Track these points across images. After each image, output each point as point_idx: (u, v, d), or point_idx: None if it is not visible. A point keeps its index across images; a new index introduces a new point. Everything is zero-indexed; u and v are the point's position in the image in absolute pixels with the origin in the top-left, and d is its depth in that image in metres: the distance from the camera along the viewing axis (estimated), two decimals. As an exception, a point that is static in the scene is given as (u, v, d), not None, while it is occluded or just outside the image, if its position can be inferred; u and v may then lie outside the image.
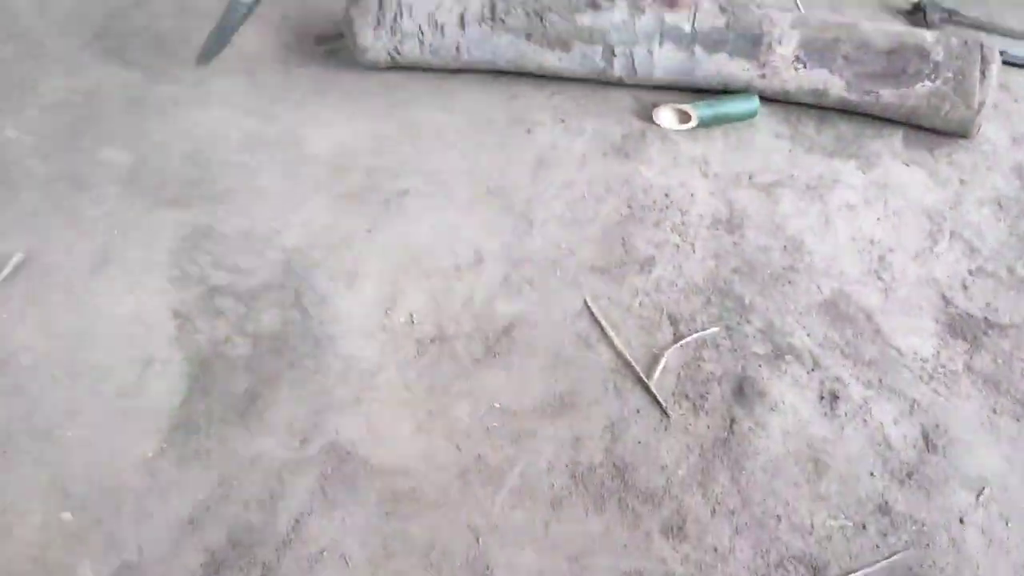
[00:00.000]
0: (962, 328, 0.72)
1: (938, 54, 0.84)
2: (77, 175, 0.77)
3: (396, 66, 0.89)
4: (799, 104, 0.90)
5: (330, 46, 0.93)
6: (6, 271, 0.68)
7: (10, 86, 0.86)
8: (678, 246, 0.77)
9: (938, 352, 0.71)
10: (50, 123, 0.82)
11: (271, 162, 0.81)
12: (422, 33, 0.85)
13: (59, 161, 0.79)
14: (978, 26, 1.07)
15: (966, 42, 0.84)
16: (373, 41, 0.85)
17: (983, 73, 0.83)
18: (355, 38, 0.85)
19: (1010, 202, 0.83)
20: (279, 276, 0.71)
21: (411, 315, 0.70)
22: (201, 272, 0.71)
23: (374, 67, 0.89)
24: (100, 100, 0.85)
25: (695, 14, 0.85)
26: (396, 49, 0.86)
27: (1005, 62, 1.00)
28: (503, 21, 0.85)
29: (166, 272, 0.70)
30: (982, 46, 0.84)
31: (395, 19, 0.85)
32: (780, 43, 0.85)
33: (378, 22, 0.85)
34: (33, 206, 0.75)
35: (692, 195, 0.81)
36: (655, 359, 0.68)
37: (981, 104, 0.84)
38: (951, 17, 1.07)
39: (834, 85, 0.86)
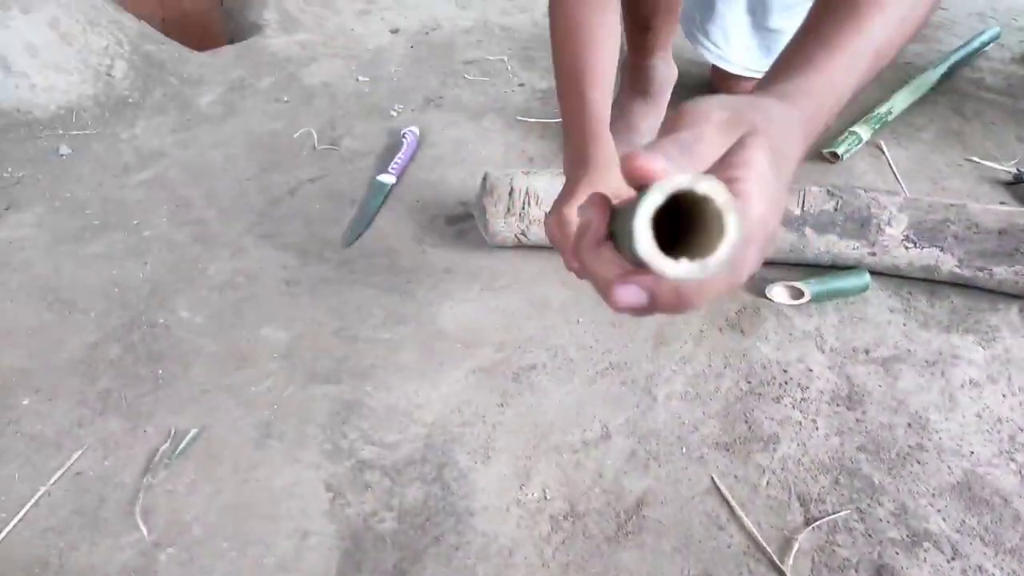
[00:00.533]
0: (1109, 516, 0.70)
1: (1050, 233, 0.86)
2: (241, 352, 0.86)
3: (522, 246, 0.97)
4: (910, 279, 0.93)
5: (461, 227, 1.03)
6: (183, 446, 0.75)
7: (184, 269, 0.98)
8: (800, 423, 0.78)
9: (1086, 542, 0.69)
10: (217, 303, 0.93)
11: (410, 338, 0.88)
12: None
13: (225, 339, 0.88)
14: (1085, 196, 1.09)
15: (1078, 222, 0.86)
16: (503, 227, 0.94)
17: (1099, 251, 0.85)
18: (486, 224, 0.94)
19: None
20: (421, 450, 0.76)
21: (544, 490, 0.73)
22: (351, 446, 0.76)
23: (502, 247, 0.98)
24: (260, 281, 0.96)
25: (804, 198, 0.91)
26: (523, 232, 0.95)
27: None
28: (622, 207, 0.92)
29: (319, 446, 0.76)
30: (1095, 225, 0.86)
31: (523, 207, 0.93)
32: (890, 224, 0.89)
33: (508, 209, 0.93)
34: (204, 382, 0.83)
35: (810, 370, 0.84)
36: (787, 542, 0.69)
37: (1101, 280, 0.85)
38: (1055, 187, 1.09)
39: (945, 262, 0.89)
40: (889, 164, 1.15)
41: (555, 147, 1.20)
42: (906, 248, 0.89)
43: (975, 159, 1.17)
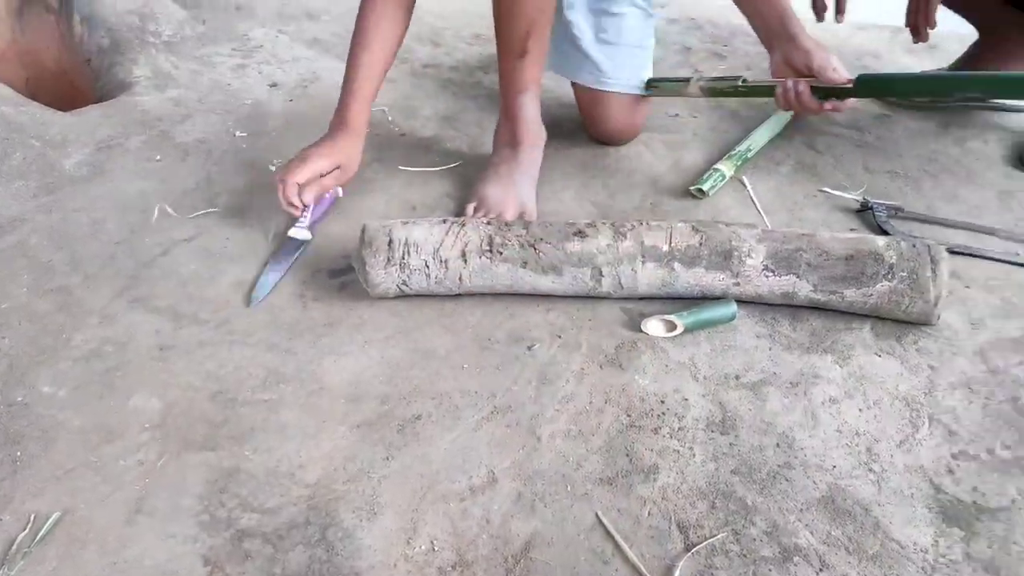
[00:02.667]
0: (955, 515, 0.76)
1: (891, 257, 0.93)
2: (109, 425, 0.82)
3: (404, 295, 0.98)
4: (773, 305, 0.99)
5: (343, 279, 1.03)
6: (42, 532, 0.71)
7: (46, 340, 0.93)
8: (678, 451, 0.81)
9: (936, 542, 0.74)
10: (82, 374, 0.88)
11: (291, 397, 0.86)
12: (428, 267, 0.94)
13: (91, 412, 0.84)
14: (922, 220, 1.20)
15: (914, 245, 0.94)
16: (384, 277, 0.94)
17: (934, 271, 0.93)
18: (367, 276, 0.94)
19: (979, 385, 0.90)
20: (304, 512, 0.74)
21: (432, 542, 0.73)
22: (229, 515, 0.74)
23: (384, 297, 0.98)
24: (131, 348, 0.92)
25: (671, 235, 0.96)
26: (404, 282, 0.95)
27: (952, 252, 1.11)
28: (500, 253, 0.94)
29: (196, 518, 0.73)
30: (930, 248, 0.94)
31: (403, 257, 0.94)
32: (750, 256, 0.95)
33: (388, 260, 0.94)
34: (67, 460, 0.79)
35: (686, 399, 0.87)
36: (669, 570, 0.71)
37: (937, 297, 0.93)
38: (897, 213, 1.19)
39: (802, 288, 0.95)
40: (751, 197, 1.23)
41: (438, 194, 1.22)
42: (766, 277, 0.95)
43: (827, 190, 1.26)
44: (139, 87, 1.49)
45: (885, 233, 1.14)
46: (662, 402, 0.87)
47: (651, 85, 1.35)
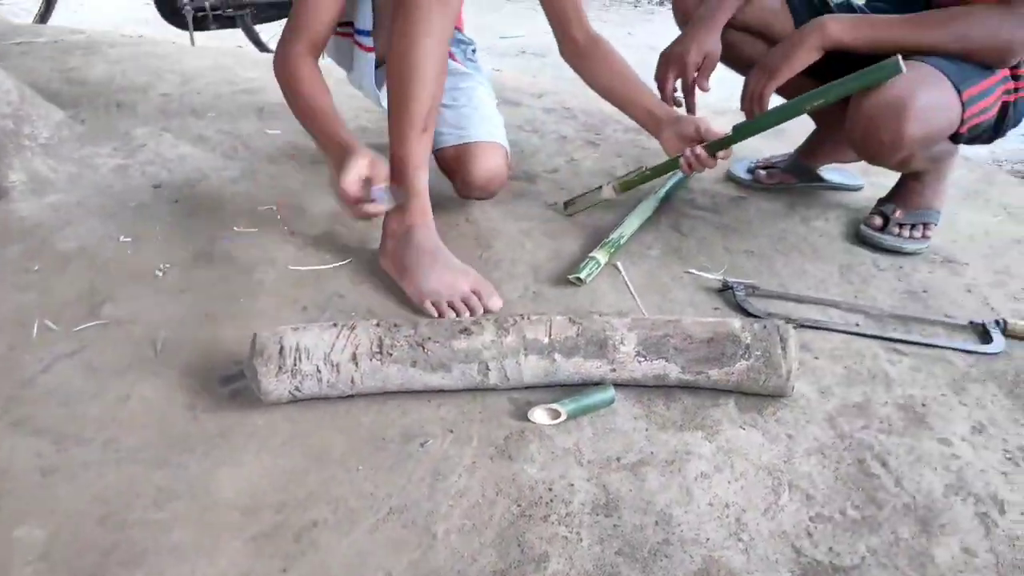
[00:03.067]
0: (814, 575, 0.84)
1: (747, 338, 1.04)
2: (-11, 560, 0.80)
3: (297, 400, 1.00)
4: (648, 387, 1.08)
5: (235, 386, 1.04)
6: None
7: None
8: (567, 537, 0.86)
9: (801, 603, 0.81)
10: (-42, 506, 0.85)
11: (184, 514, 0.86)
12: (319, 372, 0.97)
13: (-31, 546, 0.81)
14: (776, 296, 1.33)
15: (765, 326, 1.05)
16: (276, 385, 0.96)
17: (783, 348, 1.04)
18: (259, 385, 0.96)
19: (830, 450, 1.00)
20: (200, 635, 0.74)
21: (332, 652, 0.74)
22: (121, 645, 0.73)
23: (277, 403, 1.00)
24: (10, 475, 0.89)
25: (550, 328, 1.03)
26: (297, 388, 0.97)
27: (801, 326, 1.23)
28: (390, 354, 0.98)
29: (85, 652, 0.72)
30: (778, 327, 1.05)
31: (295, 363, 0.96)
32: (623, 343, 1.03)
33: (279, 368, 0.96)
34: (-58, 602, 0.75)
35: (572, 485, 0.93)
36: (563, 656, 0.75)
37: (789, 372, 1.04)
38: (753, 291, 1.32)
39: (671, 371, 1.04)
40: (626, 283, 1.33)
41: (329, 293, 1.25)
42: (639, 362, 1.03)
43: (693, 271, 1.38)
44: (15, 193, 1.46)
45: (744, 311, 1.26)
46: (550, 489, 0.92)
47: (569, 204, 1.48)
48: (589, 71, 1.51)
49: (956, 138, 1.37)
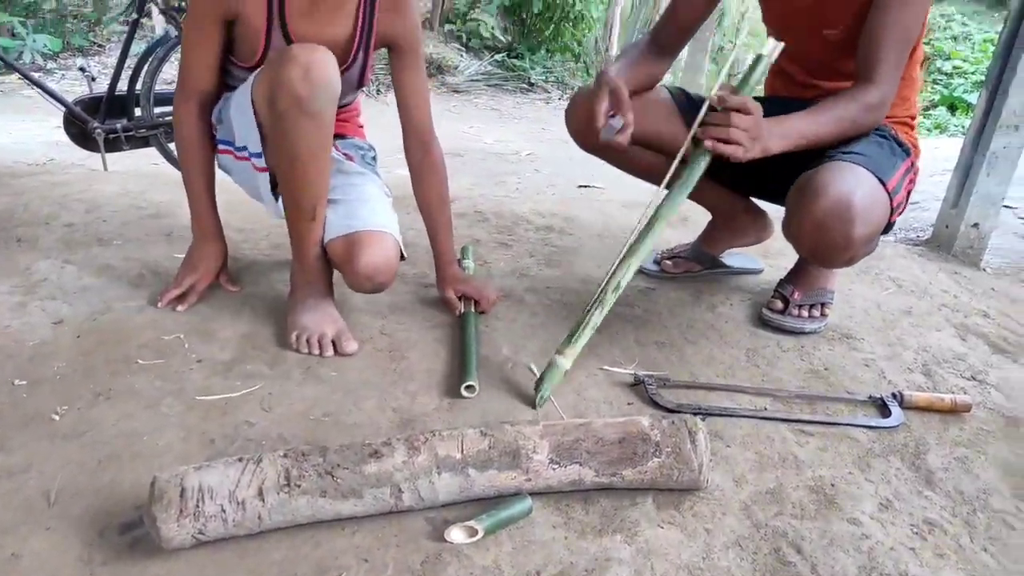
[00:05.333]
0: (742, 676, 0.83)
1: (656, 436, 1.05)
2: None
3: (202, 543, 0.95)
4: (565, 492, 1.07)
5: (135, 534, 0.98)
6: None
7: None
8: (489, 664, 0.84)
9: None
10: None
11: None
12: (224, 511, 0.94)
13: None
14: (686, 386, 1.36)
15: (673, 422, 1.08)
16: (177, 531, 0.92)
17: (693, 443, 1.06)
18: (159, 532, 0.92)
19: (747, 540, 1.01)
20: None
21: None
22: None
23: (180, 549, 0.95)
24: None
25: (462, 442, 1.03)
26: (201, 531, 0.93)
27: (711, 414, 1.26)
28: (299, 486, 0.96)
29: None
30: (686, 422, 1.08)
31: (197, 505, 0.93)
32: (536, 452, 1.03)
33: (181, 512, 0.92)
34: None
35: (493, 606, 0.91)
36: None
37: (700, 465, 1.05)
38: (665, 384, 1.35)
39: (586, 475, 1.04)
40: (540, 391, 1.34)
41: (239, 422, 1.22)
42: (553, 469, 1.03)
43: (606, 367, 1.41)
44: (-100, 342, 1.39)
45: (656, 404, 1.29)
46: (470, 613, 0.90)
47: (538, 388, 1.31)
48: (415, 183, 1.61)
49: (888, 228, 1.44)
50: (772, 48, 1.31)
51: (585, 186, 3.23)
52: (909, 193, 1.50)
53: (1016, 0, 2.21)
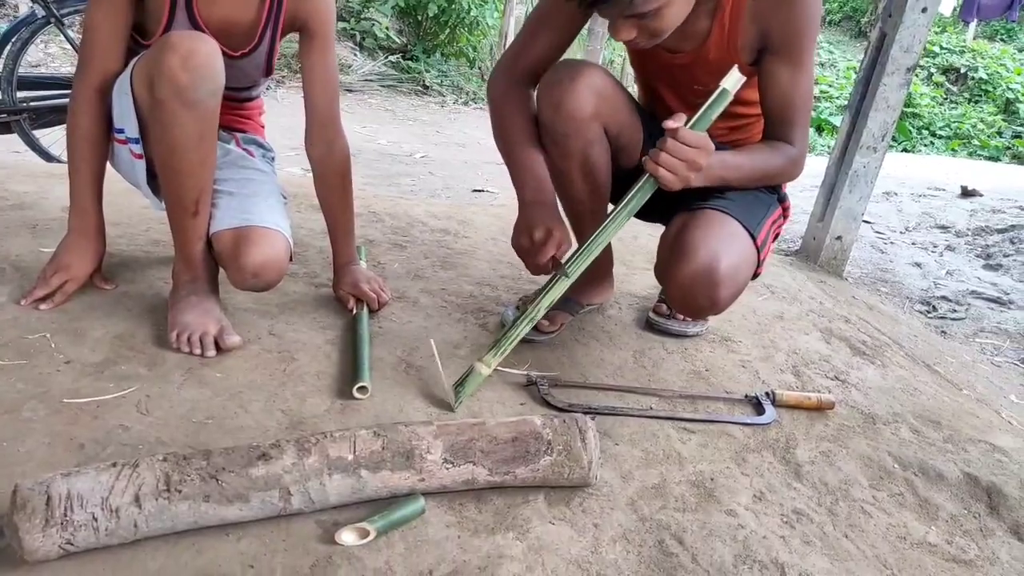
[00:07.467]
0: (628, 664, 0.86)
1: (548, 434, 1.08)
2: None
3: (71, 554, 0.89)
4: (459, 492, 1.08)
5: (-9, 548, 0.91)
6: None
7: None
8: (381, 666, 0.83)
9: None
10: None
11: None
12: (95, 520, 0.88)
13: None
14: (578, 386, 1.40)
15: (565, 420, 1.10)
16: (42, 541, 0.85)
17: (583, 441, 1.08)
18: (21, 544, 0.85)
19: (633, 534, 1.05)
20: None
21: None
22: None
23: (45, 561, 0.88)
24: None
25: (355, 443, 1.01)
26: (69, 541, 0.87)
27: (600, 414, 1.30)
28: (179, 491, 0.91)
29: None
30: (577, 420, 1.10)
31: (65, 513, 0.87)
32: (430, 452, 1.03)
33: (46, 521, 0.86)
34: None
35: (385, 607, 0.90)
36: None
37: (590, 463, 1.08)
38: (557, 384, 1.38)
39: (480, 474, 1.05)
40: (444, 383, 1.34)
41: (112, 427, 1.14)
42: (447, 469, 1.03)
43: (500, 368, 1.42)
44: None
45: (548, 404, 1.31)
46: (361, 617, 0.88)
47: (457, 391, 1.30)
48: (316, 180, 1.58)
49: (754, 277, 1.48)
50: (736, 81, 1.22)
51: (480, 190, 3.26)
52: (777, 236, 1.53)
53: (875, 34, 2.42)
